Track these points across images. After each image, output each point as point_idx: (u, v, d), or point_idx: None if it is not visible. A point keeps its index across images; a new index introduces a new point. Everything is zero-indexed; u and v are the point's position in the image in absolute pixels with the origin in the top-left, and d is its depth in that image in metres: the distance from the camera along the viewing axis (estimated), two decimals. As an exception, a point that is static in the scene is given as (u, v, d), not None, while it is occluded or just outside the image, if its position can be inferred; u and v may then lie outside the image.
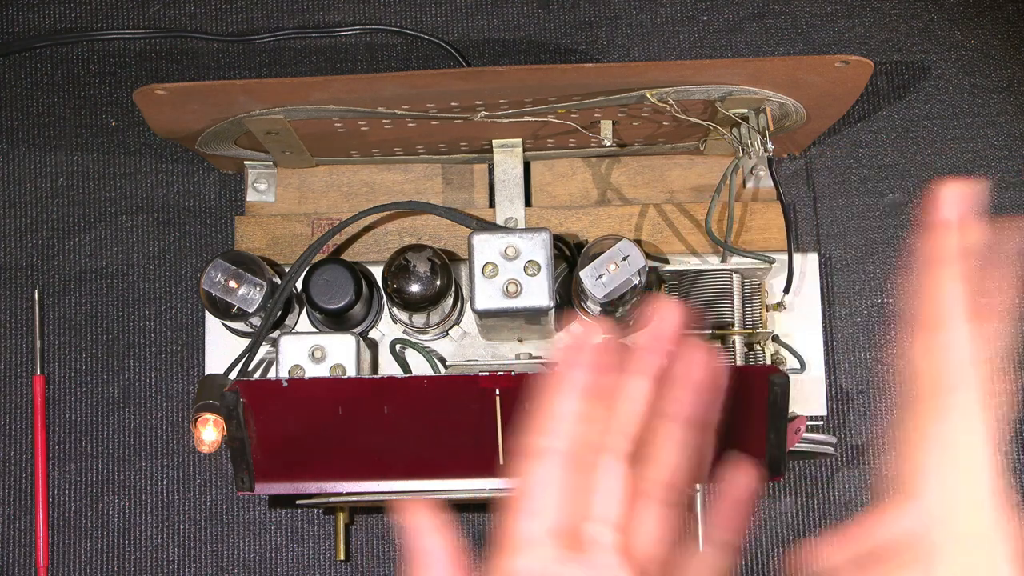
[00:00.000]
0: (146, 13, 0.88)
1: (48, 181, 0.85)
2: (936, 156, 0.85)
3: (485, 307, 0.70)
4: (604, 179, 0.82)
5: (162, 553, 0.81)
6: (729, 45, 0.87)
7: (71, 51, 0.87)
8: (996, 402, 0.45)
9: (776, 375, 0.61)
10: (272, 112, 0.71)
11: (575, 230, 0.79)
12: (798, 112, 0.73)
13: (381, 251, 0.80)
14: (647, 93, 0.69)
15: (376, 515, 0.81)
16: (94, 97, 0.86)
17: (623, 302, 0.72)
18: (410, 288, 0.72)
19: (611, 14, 0.87)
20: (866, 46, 0.86)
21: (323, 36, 0.87)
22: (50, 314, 0.83)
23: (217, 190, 0.85)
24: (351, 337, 0.72)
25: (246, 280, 0.73)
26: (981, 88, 0.86)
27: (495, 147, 0.79)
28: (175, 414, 0.82)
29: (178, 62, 0.87)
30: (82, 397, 0.82)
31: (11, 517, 0.81)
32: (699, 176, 0.82)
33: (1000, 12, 0.87)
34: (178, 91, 0.69)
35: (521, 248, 0.70)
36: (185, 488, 0.82)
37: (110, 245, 0.84)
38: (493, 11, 0.87)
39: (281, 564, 0.81)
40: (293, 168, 0.82)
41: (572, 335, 0.45)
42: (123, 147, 0.86)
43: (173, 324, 0.83)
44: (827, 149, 0.85)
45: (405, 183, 0.82)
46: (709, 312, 0.74)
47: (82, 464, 0.82)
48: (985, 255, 0.49)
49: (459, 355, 0.79)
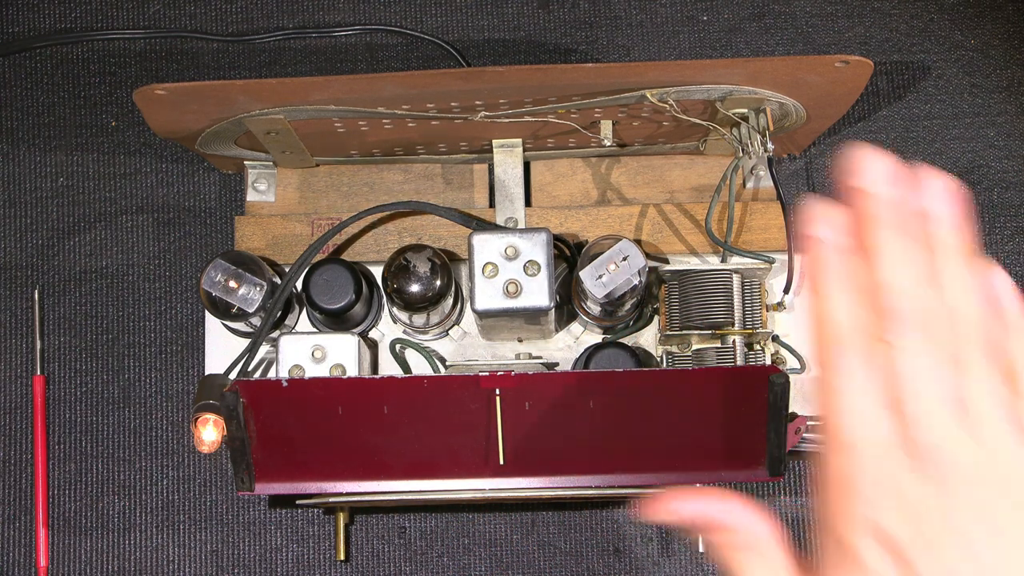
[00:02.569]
0: (146, 13, 0.88)
1: (48, 181, 0.85)
2: (936, 156, 0.85)
3: (485, 307, 0.70)
4: (604, 179, 0.82)
5: (162, 553, 0.81)
6: (729, 45, 0.87)
7: (71, 51, 0.87)
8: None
9: (776, 375, 0.61)
10: (272, 112, 0.71)
11: (575, 230, 0.79)
12: (798, 112, 0.73)
13: (381, 251, 0.80)
14: (647, 93, 0.69)
15: (376, 515, 0.81)
16: (94, 97, 0.86)
17: (623, 302, 0.72)
18: (410, 288, 0.72)
19: (611, 14, 0.87)
20: (866, 46, 0.86)
21: (323, 36, 0.87)
22: (50, 314, 0.83)
23: (217, 190, 0.85)
24: (351, 337, 0.72)
25: (246, 280, 0.73)
26: (981, 88, 0.86)
27: (495, 147, 0.79)
28: (175, 414, 0.82)
29: (178, 62, 0.87)
30: (82, 397, 0.82)
31: (11, 517, 0.81)
32: (699, 176, 0.82)
33: (1000, 12, 0.87)
34: (178, 91, 0.69)
35: (521, 248, 0.70)
36: (185, 488, 0.82)
37: (110, 245, 0.84)
38: (493, 11, 0.87)
39: (281, 564, 0.81)
40: (293, 168, 0.82)
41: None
42: (123, 147, 0.86)
43: (173, 324, 0.83)
44: (827, 149, 0.85)
45: (405, 183, 0.82)
46: (709, 312, 0.74)
47: (82, 464, 0.82)
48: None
49: (459, 355, 0.79)
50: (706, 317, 0.74)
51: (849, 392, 0.40)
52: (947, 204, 0.41)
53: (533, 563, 0.81)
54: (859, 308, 0.41)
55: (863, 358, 0.40)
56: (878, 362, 0.40)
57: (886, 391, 0.40)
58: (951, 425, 0.39)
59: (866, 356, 0.40)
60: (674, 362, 0.76)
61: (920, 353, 0.39)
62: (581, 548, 0.81)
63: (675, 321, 0.75)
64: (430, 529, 0.81)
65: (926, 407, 0.39)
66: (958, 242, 0.41)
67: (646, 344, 0.79)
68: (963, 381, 0.40)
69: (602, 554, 0.81)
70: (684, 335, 0.75)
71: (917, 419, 0.39)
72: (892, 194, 0.41)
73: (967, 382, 0.40)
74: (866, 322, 0.41)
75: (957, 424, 0.39)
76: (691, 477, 0.66)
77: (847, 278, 0.41)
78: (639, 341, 0.79)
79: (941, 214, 0.41)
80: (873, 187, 0.41)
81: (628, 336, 0.78)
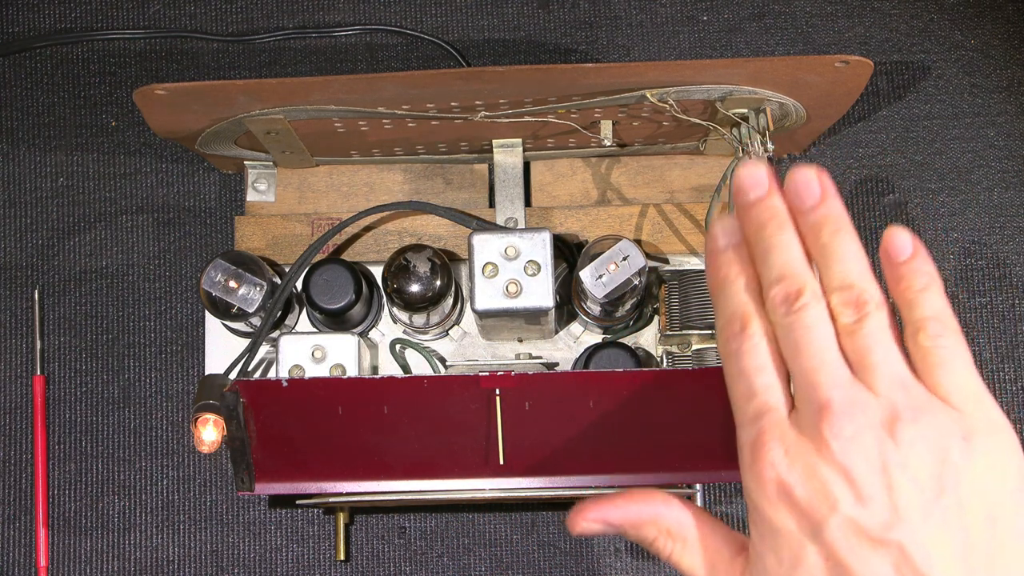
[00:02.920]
0: (146, 13, 0.88)
1: (48, 181, 0.85)
2: (936, 156, 0.85)
3: (485, 307, 0.70)
4: (604, 179, 0.82)
5: (162, 553, 0.81)
6: (729, 45, 0.87)
7: (71, 51, 0.87)
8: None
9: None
10: (272, 112, 0.71)
11: (575, 230, 0.79)
12: (798, 112, 0.73)
13: (381, 251, 0.80)
14: (647, 93, 0.69)
15: (376, 515, 0.81)
16: (94, 97, 0.86)
17: (623, 302, 0.72)
18: (410, 288, 0.72)
19: (611, 14, 0.87)
20: (866, 46, 0.86)
21: (323, 36, 0.87)
22: (50, 314, 0.83)
23: (217, 190, 0.85)
24: (351, 337, 0.72)
25: (246, 280, 0.73)
26: (981, 88, 0.86)
27: (495, 147, 0.79)
28: (175, 414, 0.82)
29: (178, 62, 0.87)
30: (82, 397, 0.82)
31: (11, 517, 0.81)
32: (699, 176, 0.82)
33: (1000, 12, 0.87)
34: (178, 91, 0.69)
35: (521, 248, 0.70)
36: (185, 488, 0.82)
37: (110, 245, 0.84)
38: (493, 11, 0.87)
39: (281, 564, 0.81)
40: (293, 168, 0.82)
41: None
42: (123, 147, 0.86)
43: (173, 324, 0.83)
44: (827, 149, 0.85)
45: (405, 183, 0.82)
46: (709, 312, 0.74)
47: (82, 464, 0.82)
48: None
49: (459, 355, 0.79)
50: (706, 317, 0.74)
51: (748, 372, 0.44)
52: (816, 190, 0.46)
53: (533, 563, 0.81)
54: (752, 298, 0.45)
55: (756, 341, 0.44)
56: (772, 345, 0.44)
57: (781, 363, 0.44)
58: (845, 379, 0.43)
59: (760, 339, 0.44)
60: (674, 362, 0.76)
61: (810, 324, 0.43)
62: (581, 548, 0.81)
63: (675, 321, 0.75)
64: (430, 529, 0.81)
65: (819, 366, 0.43)
66: (837, 217, 0.46)
67: (646, 344, 0.79)
68: (852, 340, 0.43)
69: (602, 554, 0.81)
70: (684, 335, 0.75)
71: (813, 380, 0.43)
72: (768, 198, 0.46)
73: (857, 340, 0.43)
74: (757, 309, 0.45)
75: (851, 378, 0.43)
76: (691, 477, 0.66)
77: (741, 276, 0.46)
78: (639, 341, 0.79)
79: (814, 200, 0.46)
80: (753, 196, 0.46)
81: (628, 336, 0.78)
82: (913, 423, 0.42)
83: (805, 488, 0.42)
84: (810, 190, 0.46)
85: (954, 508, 0.41)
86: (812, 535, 0.42)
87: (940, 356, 0.43)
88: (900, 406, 0.42)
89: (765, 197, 0.46)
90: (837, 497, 0.41)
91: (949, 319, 0.44)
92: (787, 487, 0.42)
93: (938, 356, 0.43)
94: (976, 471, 0.41)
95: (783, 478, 0.42)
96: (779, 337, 0.44)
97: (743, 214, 0.47)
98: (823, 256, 0.45)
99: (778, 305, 0.44)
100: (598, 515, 0.49)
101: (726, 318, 0.46)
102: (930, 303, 0.44)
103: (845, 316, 0.44)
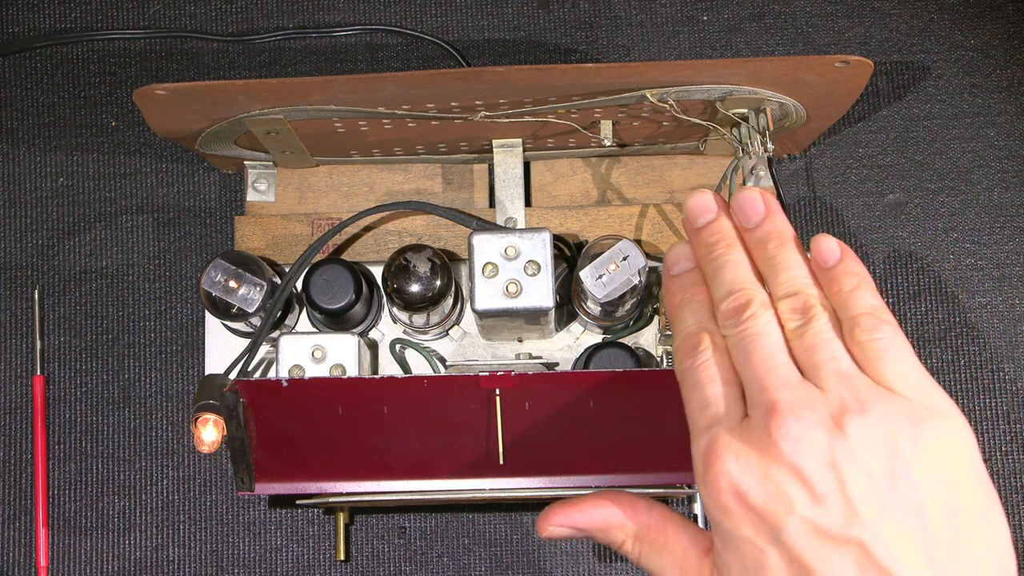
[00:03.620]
0: (146, 13, 0.88)
1: (48, 181, 0.85)
2: (936, 156, 0.85)
3: (485, 307, 0.70)
4: (604, 179, 0.82)
5: (162, 553, 0.81)
6: (729, 45, 0.87)
7: (71, 51, 0.87)
8: None
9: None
10: (272, 112, 0.71)
11: (575, 230, 0.79)
12: (798, 112, 0.73)
13: (381, 251, 0.80)
14: (647, 93, 0.69)
15: (376, 515, 0.81)
16: (94, 97, 0.86)
17: (623, 302, 0.72)
18: (410, 288, 0.72)
19: (611, 14, 0.87)
20: (866, 46, 0.86)
21: (323, 36, 0.87)
22: (50, 314, 0.83)
23: (217, 190, 0.85)
24: (351, 337, 0.72)
25: (246, 280, 0.73)
26: (981, 88, 0.86)
27: (495, 147, 0.79)
28: (175, 414, 0.82)
29: (178, 62, 0.87)
30: (82, 397, 0.82)
31: (11, 517, 0.81)
32: (699, 176, 0.82)
33: (1000, 12, 0.87)
34: (178, 91, 0.69)
35: (521, 248, 0.70)
36: (185, 488, 0.82)
37: (110, 245, 0.84)
38: (493, 11, 0.87)
39: (281, 564, 0.81)
40: (293, 168, 0.82)
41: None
42: (123, 147, 0.86)
43: (173, 324, 0.83)
44: (827, 149, 0.85)
45: (405, 183, 0.82)
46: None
47: (82, 464, 0.82)
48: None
49: (459, 355, 0.79)
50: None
51: (700, 384, 0.46)
52: (761, 208, 0.48)
53: (533, 563, 0.81)
54: (705, 317, 0.47)
55: (708, 356, 0.46)
56: (725, 359, 0.46)
57: (734, 375, 0.46)
58: (794, 380, 0.44)
59: (712, 353, 0.46)
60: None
61: (758, 331, 0.45)
62: (581, 548, 0.81)
63: (675, 321, 0.75)
64: (430, 529, 0.81)
65: (767, 370, 0.44)
66: (782, 231, 0.48)
67: (646, 344, 0.79)
68: (800, 343, 0.45)
69: (602, 554, 0.81)
70: (684, 335, 0.75)
71: (762, 383, 0.44)
72: (716, 221, 0.49)
73: (803, 342, 0.45)
74: (710, 327, 0.47)
75: (800, 379, 0.44)
76: (691, 477, 0.66)
77: (694, 299, 0.48)
78: (639, 341, 0.79)
79: (759, 216, 0.48)
80: (702, 221, 0.49)
81: (628, 336, 0.78)
82: (860, 414, 0.42)
83: (759, 492, 0.42)
84: (755, 207, 0.48)
85: (910, 497, 0.41)
86: (772, 539, 0.42)
87: (878, 348, 0.44)
88: (847, 400, 0.42)
89: (713, 220, 0.48)
90: (792, 498, 0.41)
91: (883, 312, 0.45)
92: (741, 492, 0.43)
93: (876, 348, 0.44)
94: (928, 458, 0.42)
95: (736, 484, 0.43)
96: (731, 349, 0.45)
97: (694, 239, 0.49)
98: (770, 268, 0.46)
99: (728, 318, 0.45)
100: (564, 519, 0.50)
101: (680, 339, 0.47)
102: (862, 300, 0.45)
103: (792, 321, 0.45)
